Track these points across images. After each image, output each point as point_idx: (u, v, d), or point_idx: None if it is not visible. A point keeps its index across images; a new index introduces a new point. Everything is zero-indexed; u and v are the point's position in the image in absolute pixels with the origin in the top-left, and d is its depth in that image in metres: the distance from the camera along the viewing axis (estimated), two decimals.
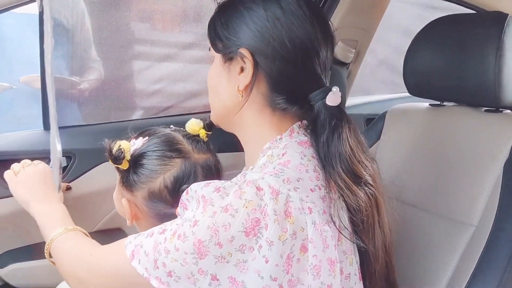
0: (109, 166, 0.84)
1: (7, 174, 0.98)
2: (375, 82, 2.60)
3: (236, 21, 0.70)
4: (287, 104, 0.71)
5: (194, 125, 0.87)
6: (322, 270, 0.63)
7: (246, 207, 0.60)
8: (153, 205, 0.82)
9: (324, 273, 0.63)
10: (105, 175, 1.30)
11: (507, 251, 0.91)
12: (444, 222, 1.03)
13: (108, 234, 1.35)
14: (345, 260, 0.68)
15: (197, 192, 0.65)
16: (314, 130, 0.70)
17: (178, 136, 0.84)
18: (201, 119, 0.89)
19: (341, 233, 0.66)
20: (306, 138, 0.72)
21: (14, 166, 0.99)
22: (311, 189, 0.66)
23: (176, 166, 0.81)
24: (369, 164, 0.69)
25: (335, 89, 0.68)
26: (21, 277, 1.29)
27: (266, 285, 0.61)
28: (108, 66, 1.61)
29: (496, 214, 0.94)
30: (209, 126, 0.88)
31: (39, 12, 0.97)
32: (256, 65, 0.68)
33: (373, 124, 1.29)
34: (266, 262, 0.60)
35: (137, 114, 1.71)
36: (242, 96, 0.71)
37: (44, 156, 1.23)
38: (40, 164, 1.00)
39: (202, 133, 0.87)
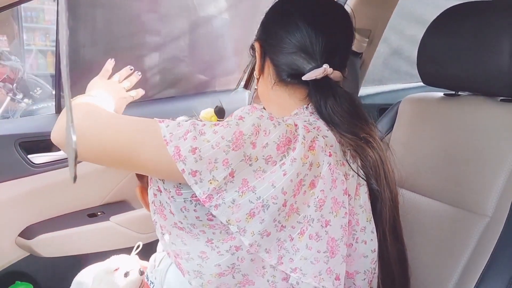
0: None
1: (106, 71, 0.96)
2: (388, 71, 2.58)
3: (261, 23, 0.88)
4: (290, 78, 0.82)
5: (207, 113, 0.95)
6: (325, 205, 0.69)
7: (287, 126, 0.70)
8: None
9: (326, 209, 0.70)
10: None
11: None
12: (458, 212, 1.02)
13: (114, 206, 1.57)
14: (361, 214, 0.75)
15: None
16: (312, 101, 0.82)
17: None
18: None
19: (358, 175, 0.75)
20: None
21: (119, 76, 0.98)
22: (336, 140, 0.77)
23: None
24: (364, 126, 0.79)
25: (325, 66, 0.78)
26: (48, 246, 1.41)
27: (275, 194, 0.65)
28: None
29: (511, 205, 0.94)
30: (219, 112, 0.95)
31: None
32: (264, 52, 0.85)
33: (386, 114, 1.28)
34: (284, 175, 0.66)
35: None
36: (259, 76, 0.88)
37: None
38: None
39: (214, 119, 0.94)
